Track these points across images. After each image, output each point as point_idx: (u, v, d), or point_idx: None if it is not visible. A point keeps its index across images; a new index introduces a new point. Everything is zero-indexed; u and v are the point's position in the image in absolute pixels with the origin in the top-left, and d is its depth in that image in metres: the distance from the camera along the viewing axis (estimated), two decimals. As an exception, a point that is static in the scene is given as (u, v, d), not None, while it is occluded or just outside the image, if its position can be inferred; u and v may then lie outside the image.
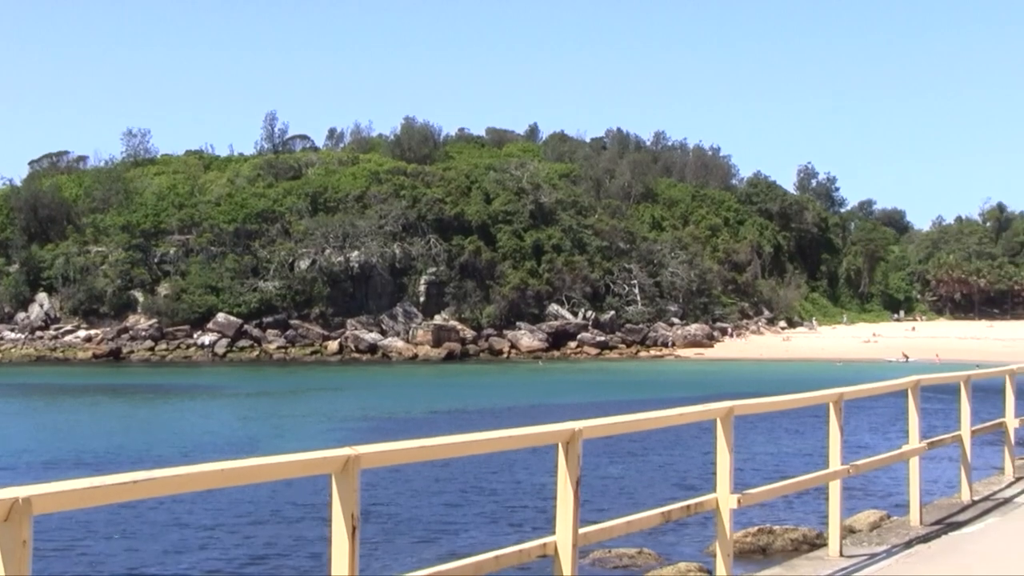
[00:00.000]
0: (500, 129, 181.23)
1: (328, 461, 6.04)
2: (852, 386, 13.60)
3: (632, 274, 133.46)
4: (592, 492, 23.76)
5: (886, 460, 14.10)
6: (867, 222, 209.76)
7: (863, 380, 16.20)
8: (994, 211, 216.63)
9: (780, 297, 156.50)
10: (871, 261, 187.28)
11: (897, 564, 11.33)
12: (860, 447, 26.51)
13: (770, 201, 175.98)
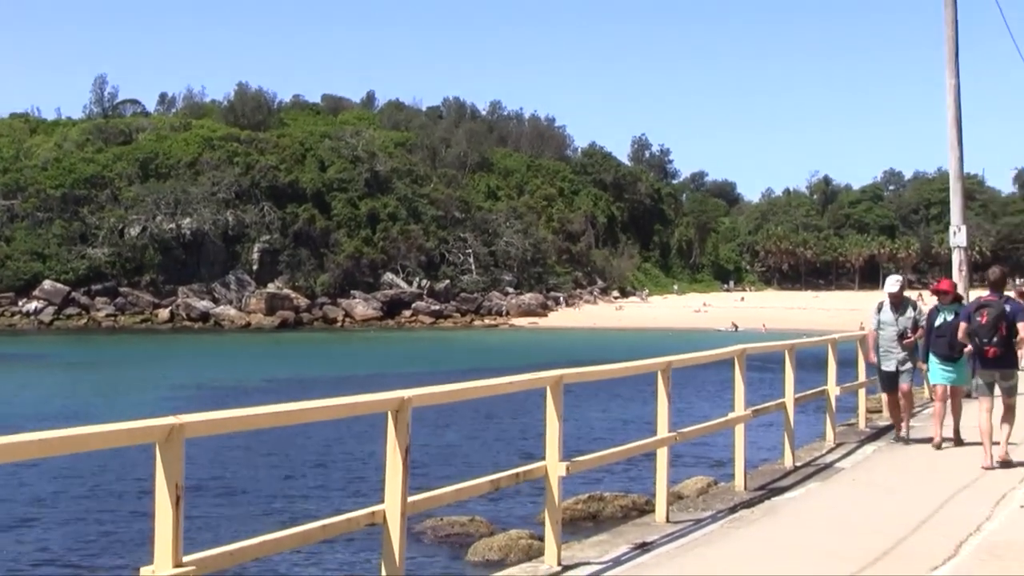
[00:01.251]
0: (336, 96, 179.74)
1: (152, 430, 5.93)
2: (681, 355, 13.84)
3: (467, 243, 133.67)
4: (431, 461, 23.78)
5: (712, 427, 14.35)
6: (699, 194, 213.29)
7: (693, 349, 16.50)
8: (820, 184, 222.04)
9: (613, 267, 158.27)
10: (702, 232, 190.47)
11: (721, 529, 11.57)
12: (694, 415, 26.93)
13: (604, 172, 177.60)
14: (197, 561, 6.11)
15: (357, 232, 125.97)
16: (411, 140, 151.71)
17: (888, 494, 13.30)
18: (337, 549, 15.53)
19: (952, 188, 26.44)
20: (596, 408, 35.03)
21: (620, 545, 10.75)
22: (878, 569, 9.58)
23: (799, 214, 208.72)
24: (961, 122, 26.03)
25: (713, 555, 10.26)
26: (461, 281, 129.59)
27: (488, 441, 28.90)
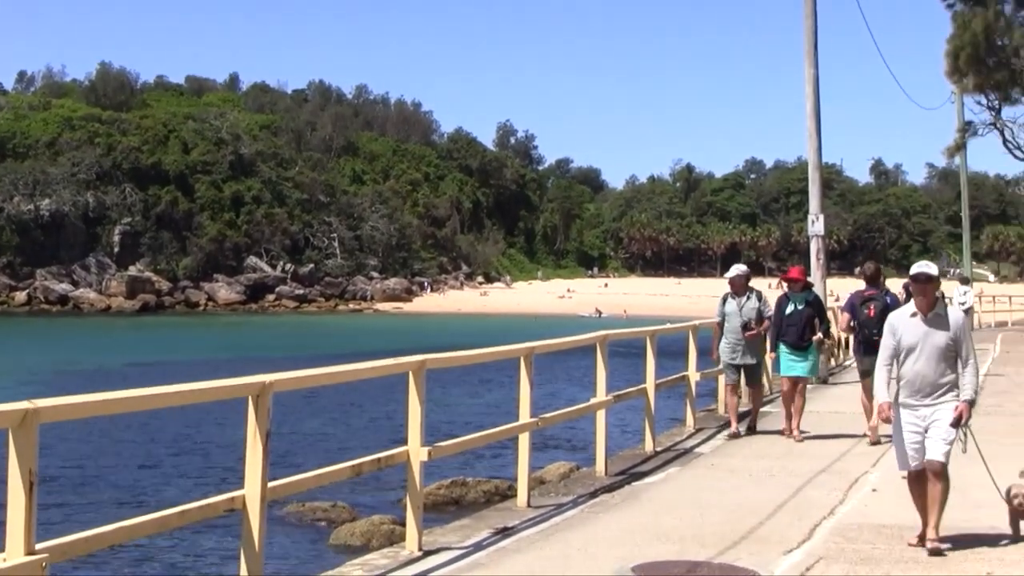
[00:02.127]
0: (200, 78, 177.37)
1: (4, 415, 5.81)
2: (544, 340, 13.92)
3: (332, 227, 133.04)
4: (295, 447, 23.66)
5: (574, 413, 14.46)
6: (564, 180, 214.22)
7: (557, 335, 16.59)
8: (684, 172, 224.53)
9: (478, 252, 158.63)
10: (567, 218, 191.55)
11: (582, 514, 11.67)
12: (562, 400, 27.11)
13: (470, 157, 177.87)
14: (51, 548, 5.99)
15: (221, 215, 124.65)
16: (276, 123, 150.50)
17: (746, 479, 13.52)
18: (199, 535, 15.37)
19: (811, 177, 26.93)
20: (465, 393, 35.12)
21: (482, 530, 10.80)
22: (735, 552, 9.74)
23: (663, 201, 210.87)
24: (820, 112, 26.53)
25: (573, 539, 10.35)
26: (326, 265, 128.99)
27: (354, 427, 28.82)
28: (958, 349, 9.65)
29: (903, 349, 9.73)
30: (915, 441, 9.63)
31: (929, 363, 9.61)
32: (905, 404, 9.73)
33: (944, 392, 9.61)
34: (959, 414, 9.51)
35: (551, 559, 9.59)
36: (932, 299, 9.74)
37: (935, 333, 9.65)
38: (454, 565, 9.42)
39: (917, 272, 9.79)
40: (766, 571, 9.10)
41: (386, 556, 9.83)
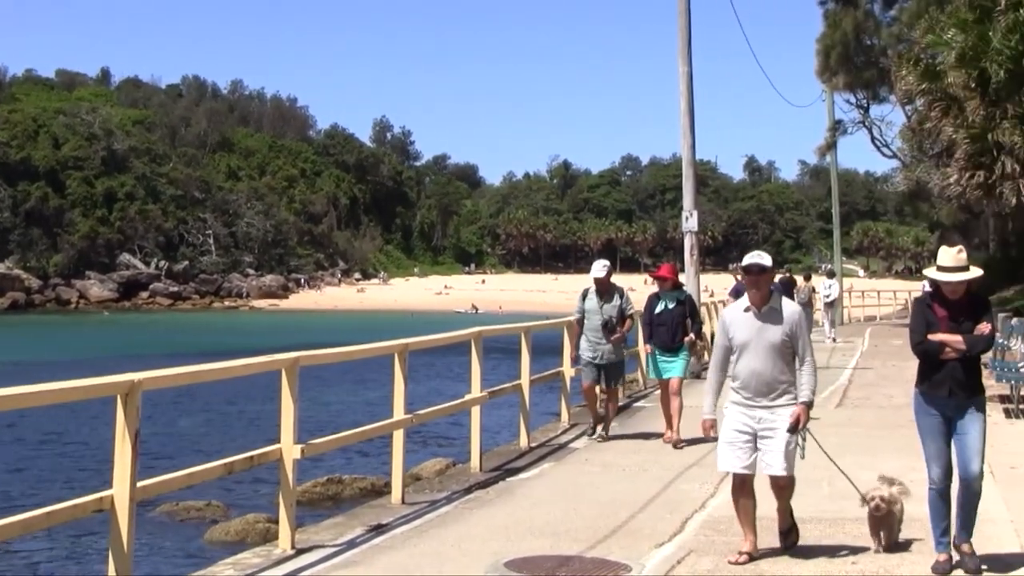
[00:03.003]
0: (70, 72, 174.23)
1: None
2: (419, 337, 13.92)
3: (207, 224, 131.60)
4: (168, 446, 23.33)
5: (449, 409, 14.50)
6: (441, 176, 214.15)
7: (434, 331, 16.58)
8: (560, 168, 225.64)
9: (355, 249, 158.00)
10: (444, 215, 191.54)
11: (456, 510, 11.70)
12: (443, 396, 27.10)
13: (347, 153, 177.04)
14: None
15: (93, 211, 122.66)
16: (149, 118, 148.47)
17: (619, 473, 13.64)
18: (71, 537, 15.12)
19: (685, 174, 27.23)
20: (344, 391, 34.94)
21: (355, 527, 10.78)
22: (607, 546, 9.84)
23: (539, 198, 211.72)
24: (694, 110, 26.85)
25: (447, 536, 10.37)
26: (201, 262, 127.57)
27: (230, 425, 28.51)
28: (794, 346, 9.11)
29: (736, 347, 9.14)
30: (743, 442, 9.09)
31: (764, 361, 9.03)
32: (739, 403, 9.16)
33: (781, 393, 9.07)
34: (796, 418, 8.99)
35: (424, 556, 9.60)
36: (766, 292, 9.20)
37: (769, 328, 9.09)
38: (327, 563, 9.40)
39: (749, 263, 9.22)
40: (638, 564, 9.19)
41: (258, 555, 9.77)
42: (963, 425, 8.64)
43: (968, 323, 8.66)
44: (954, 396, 8.66)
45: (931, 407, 8.76)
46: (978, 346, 8.69)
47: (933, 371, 8.73)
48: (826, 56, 54.99)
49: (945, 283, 8.70)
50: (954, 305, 8.72)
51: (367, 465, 20.49)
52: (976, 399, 8.76)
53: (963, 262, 8.69)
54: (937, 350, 8.64)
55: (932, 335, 8.68)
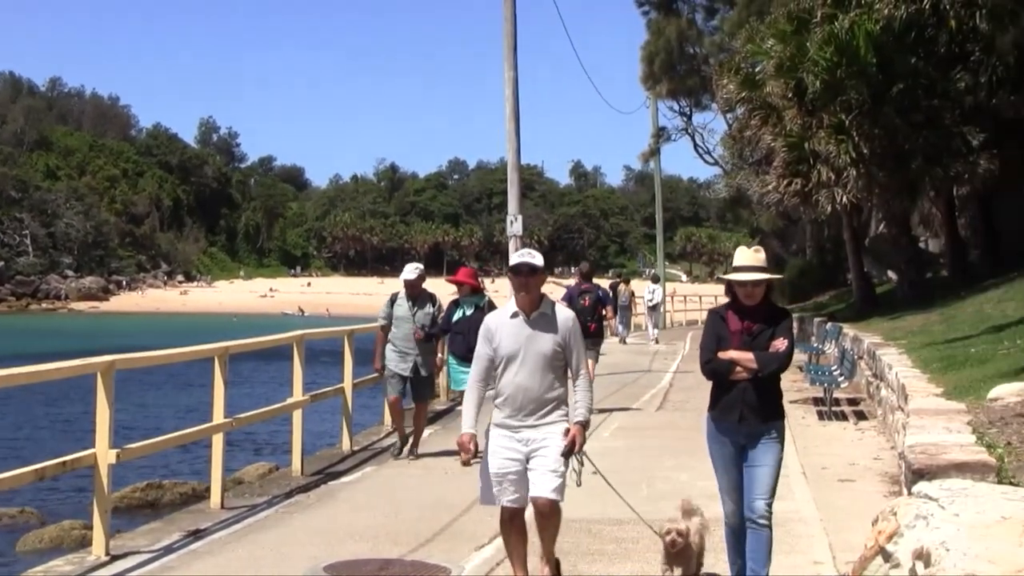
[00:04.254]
0: None
1: None
2: (241, 340, 13.76)
3: (24, 224, 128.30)
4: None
5: (270, 413, 14.34)
6: (267, 178, 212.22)
7: (258, 334, 16.38)
8: (387, 172, 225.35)
9: (179, 251, 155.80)
10: (270, 217, 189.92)
11: (276, 514, 11.60)
12: (269, 400, 26.81)
13: (170, 154, 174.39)
14: None
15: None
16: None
17: (441, 476, 13.65)
18: None
19: (510, 179, 27.38)
20: (165, 395, 34.37)
21: (172, 533, 10.62)
22: (427, 549, 9.84)
23: (366, 200, 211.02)
24: (519, 115, 27.01)
25: (266, 540, 10.27)
26: (17, 263, 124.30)
27: (47, 430, 27.83)
28: (567, 357, 8.05)
29: (502, 357, 8.00)
30: (512, 471, 7.98)
31: (533, 374, 7.94)
32: (504, 425, 8.05)
33: (551, 410, 8.01)
34: (571, 440, 7.91)
35: (242, 560, 9.50)
36: (537, 296, 8.05)
37: (540, 337, 7.97)
38: (142, 569, 9.24)
39: (518, 262, 8.03)
40: (457, 566, 9.22)
41: (71, 562, 9.55)
42: (754, 455, 7.80)
43: (763, 338, 7.75)
44: (745, 422, 7.78)
45: (722, 434, 7.92)
46: (770, 365, 7.71)
47: (723, 393, 7.87)
48: (650, 63, 55.89)
49: (740, 284, 7.79)
50: (750, 315, 7.80)
51: (190, 470, 20.19)
52: (771, 425, 7.85)
53: (761, 262, 7.84)
54: (727, 369, 7.75)
55: (723, 352, 7.76)
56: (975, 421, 10.99)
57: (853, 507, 10.88)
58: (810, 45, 29.24)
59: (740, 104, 35.65)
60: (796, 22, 31.16)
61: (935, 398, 13.03)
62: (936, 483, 7.73)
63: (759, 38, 32.46)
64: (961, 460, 8.47)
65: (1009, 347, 17.16)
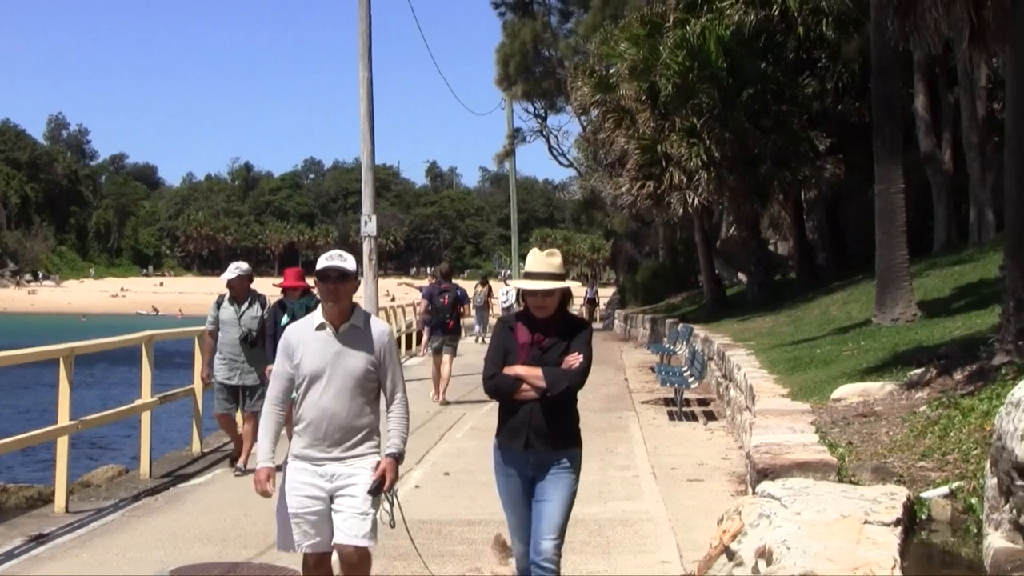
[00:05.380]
0: None
1: None
2: (88, 340, 13.50)
3: None
4: None
5: (117, 415, 14.10)
6: (119, 176, 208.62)
7: (109, 334, 16.08)
8: (242, 170, 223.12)
9: (27, 249, 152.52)
10: (122, 216, 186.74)
11: (123, 518, 11.40)
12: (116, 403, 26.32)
13: (18, 151, 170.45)
14: None
15: None
16: None
17: (293, 477, 13.53)
18: None
19: (364, 179, 27.21)
20: (9, 396, 33.59)
21: (14, 538, 10.38)
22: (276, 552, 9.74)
23: (220, 200, 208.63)
24: (374, 115, 26.85)
25: (111, 544, 10.10)
26: None
27: None
28: (382, 377, 6.90)
29: (304, 376, 6.80)
30: (312, 511, 6.79)
31: (340, 397, 6.76)
32: (304, 456, 6.85)
33: (361, 440, 6.84)
34: (380, 475, 6.76)
35: (87, 565, 9.32)
36: (347, 306, 6.86)
37: (349, 354, 6.79)
38: (-20, 577, 9.02)
39: (326, 267, 6.82)
40: (306, 569, 9.12)
41: (-99, 571, 9.29)
42: (543, 488, 6.81)
43: (556, 353, 6.76)
44: (532, 449, 6.77)
45: (508, 464, 6.90)
46: (560, 383, 6.69)
47: (508, 415, 6.85)
48: (505, 65, 56.14)
49: (530, 293, 6.80)
50: (542, 327, 6.83)
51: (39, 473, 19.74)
52: (564, 454, 6.87)
53: (556, 268, 6.88)
54: (511, 387, 6.75)
55: (509, 368, 6.77)
56: (819, 421, 11.24)
57: (701, 506, 11.03)
58: (663, 49, 29.68)
59: (594, 107, 36.05)
60: (649, 26, 31.62)
61: (781, 399, 13.29)
62: (779, 482, 7.92)
63: (613, 41, 32.87)
64: (804, 460, 8.65)
65: (853, 348, 17.59)
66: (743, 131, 29.14)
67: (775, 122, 29.43)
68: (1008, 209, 13.13)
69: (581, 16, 54.02)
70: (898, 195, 20.69)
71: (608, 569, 9.02)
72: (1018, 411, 6.09)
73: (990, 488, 6.74)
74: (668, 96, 29.39)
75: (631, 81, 30.82)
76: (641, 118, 31.01)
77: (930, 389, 12.20)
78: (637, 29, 31.85)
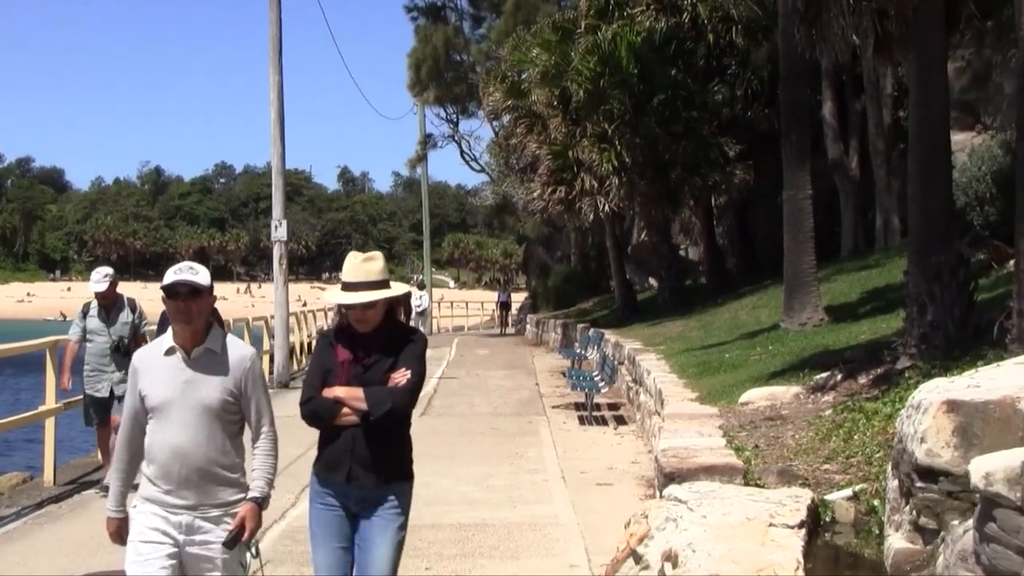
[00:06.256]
0: None
1: None
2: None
3: None
4: None
5: (20, 421, 13.91)
6: (25, 180, 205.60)
7: (13, 340, 15.82)
8: (152, 174, 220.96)
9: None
10: (28, 220, 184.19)
11: (25, 526, 11.26)
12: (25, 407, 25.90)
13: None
14: None
15: None
16: None
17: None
18: None
19: (274, 183, 27.04)
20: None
21: (-88, 548, 10.20)
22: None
23: (129, 204, 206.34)
24: (284, 119, 26.70)
25: (11, 553, 9.97)
26: None
27: None
28: (244, 409, 5.72)
29: (151, 408, 5.63)
30: (161, 567, 5.55)
31: (193, 434, 5.55)
32: (155, 500, 5.62)
33: (223, 486, 5.63)
34: (237, 523, 5.56)
35: (-13, 575, 9.18)
36: (201, 326, 5.67)
37: (204, 382, 5.60)
38: None
39: (174, 281, 5.60)
40: (212, 575, 9.02)
41: None
42: (368, 532, 5.93)
43: (381, 370, 5.87)
44: (356, 482, 5.87)
45: (326, 498, 5.98)
46: (382, 404, 5.76)
47: (328, 443, 5.96)
48: (417, 70, 56.02)
49: (349, 307, 5.92)
50: (366, 342, 5.94)
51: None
52: (391, 489, 5.98)
53: (377, 275, 5.93)
54: (330, 411, 5.85)
55: (328, 389, 5.86)
56: (726, 425, 11.33)
57: (610, 510, 11.06)
58: (574, 55, 29.82)
59: (506, 112, 36.10)
60: (561, 32, 31.75)
61: (690, 403, 13.39)
62: (686, 486, 7.97)
63: (525, 47, 32.94)
64: (710, 463, 8.72)
65: (761, 353, 17.76)
66: (654, 137, 29.32)
67: (686, 128, 29.64)
68: (912, 215, 13.34)
69: (493, 21, 54.07)
70: (806, 201, 20.95)
71: (516, 573, 9.03)
72: (918, 414, 6.18)
73: (891, 490, 6.84)
74: (579, 102, 29.51)
75: (543, 87, 30.91)
76: (553, 124, 31.10)
77: (836, 392, 12.36)
78: (549, 35, 31.96)
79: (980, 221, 18.86)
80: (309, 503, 6.09)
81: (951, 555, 5.23)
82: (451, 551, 9.78)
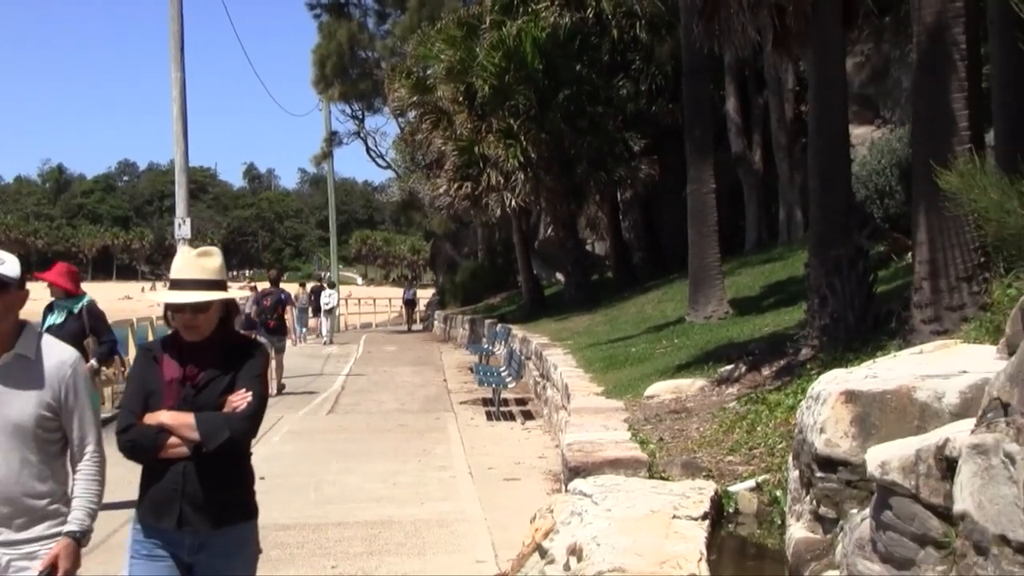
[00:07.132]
0: None
1: None
2: None
3: None
4: None
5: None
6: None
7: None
8: (54, 172, 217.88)
9: None
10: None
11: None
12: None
13: None
14: None
15: None
16: None
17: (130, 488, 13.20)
18: None
19: (178, 181, 26.75)
20: None
21: None
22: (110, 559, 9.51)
23: (30, 202, 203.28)
24: (187, 116, 26.43)
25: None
26: None
27: None
28: (65, 425, 4.64)
29: None
30: None
31: (3, 458, 4.50)
32: None
33: (42, 517, 4.58)
34: (47, 563, 4.47)
35: None
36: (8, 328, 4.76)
37: (13, 396, 4.55)
38: None
39: None
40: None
41: None
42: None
43: (216, 390, 4.78)
44: (188, 527, 4.71)
45: (153, 548, 4.77)
46: (219, 434, 4.67)
47: (153, 481, 4.79)
48: (322, 67, 55.75)
49: (177, 308, 4.88)
50: (197, 356, 4.84)
51: None
52: (233, 534, 4.84)
53: (212, 273, 4.97)
54: (154, 442, 4.70)
55: (151, 415, 4.72)
56: (632, 418, 11.39)
57: (517, 505, 11.04)
58: (479, 50, 29.83)
59: (411, 108, 36.02)
60: (466, 28, 31.74)
61: (596, 397, 13.45)
62: (591, 480, 8.00)
63: (430, 43, 32.87)
64: (615, 456, 8.76)
65: (667, 346, 17.90)
66: (559, 132, 29.43)
67: (591, 123, 29.78)
68: (812, 208, 13.49)
69: (398, 17, 53.92)
70: (710, 195, 21.15)
71: (422, 570, 8.99)
72: (818, 405, 6.25)
73: (792, 480, 6.92)
74: (485, 97, 29.54)
75: (448, 82, 30.89)
76: (458, 119, 31.09)
77: (740, 385, 12.48)
78: (454, 31, 31.93)
79: (880, 214, 19.11)
80: (127, 555, 4.87)
81: (849, 543, 5.29)
82: (357, 549, 9.72)
